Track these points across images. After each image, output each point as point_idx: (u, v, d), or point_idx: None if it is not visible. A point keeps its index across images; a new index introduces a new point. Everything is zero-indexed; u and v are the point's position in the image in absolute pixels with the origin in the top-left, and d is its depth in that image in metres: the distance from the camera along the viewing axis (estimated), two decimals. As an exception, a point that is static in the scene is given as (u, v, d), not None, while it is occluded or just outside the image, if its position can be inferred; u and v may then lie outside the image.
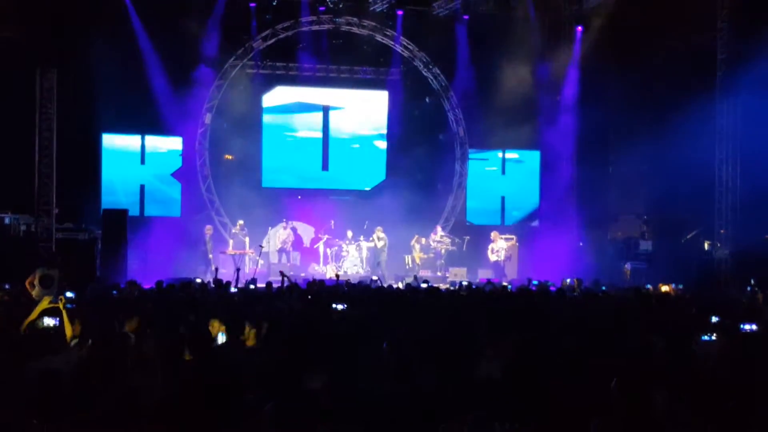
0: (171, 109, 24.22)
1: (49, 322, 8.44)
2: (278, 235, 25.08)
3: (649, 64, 24.27)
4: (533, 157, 28.08)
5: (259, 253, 22.47)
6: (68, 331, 8.37)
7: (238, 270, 16.83)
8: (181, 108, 24.36)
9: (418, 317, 9.28)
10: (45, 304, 9.03)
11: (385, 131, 27.64)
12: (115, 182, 25.29)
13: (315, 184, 27.29)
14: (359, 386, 5.65)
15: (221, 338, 8.23)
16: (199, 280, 17.29)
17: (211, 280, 16.56)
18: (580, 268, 22.29)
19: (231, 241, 24.11)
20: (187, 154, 25.64)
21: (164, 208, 25.57)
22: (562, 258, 24.08)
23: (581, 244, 26.10)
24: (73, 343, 8.07)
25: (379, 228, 24.10)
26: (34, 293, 11.12)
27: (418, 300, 12.21)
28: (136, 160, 25.54)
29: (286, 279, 15.53)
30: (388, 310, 9.81)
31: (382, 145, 27.75)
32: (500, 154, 28.04)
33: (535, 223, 27.90)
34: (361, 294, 12.87)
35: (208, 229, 23.85)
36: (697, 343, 7.94)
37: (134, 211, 24.32)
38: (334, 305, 9.71)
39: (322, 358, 6.24)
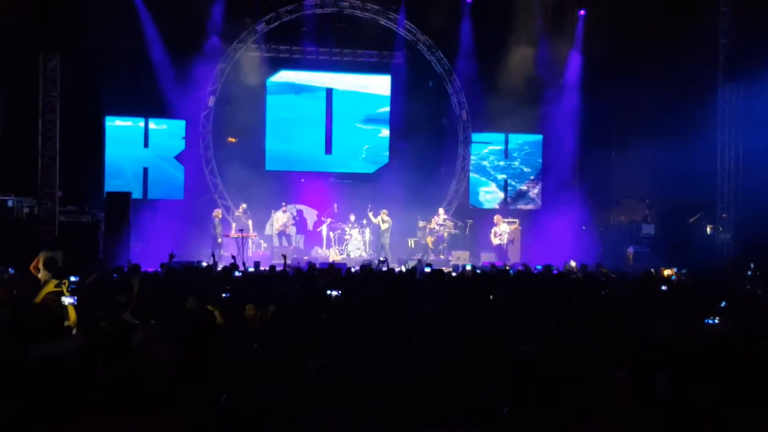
0: (174, 92, 24.07)
1: (66, 300, 8.35)
2: (278, 218, 25.07)
3: (651, 48, 24.10)
4: (536, 141, 27.96)
5: (241, 239, 22.50)
6: (71, 315, 8.30)
7: (233, 256, 16.72)
8: (184, 91, 24.20)
9: (421, 302, 9.21)
10: (51, 287, 8.96)
11: (388, 115, 27.53)
12: (118, 165, 25.26)
13: (318, 167, 27.19)
14: (359, 371, 5.60)
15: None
16: (204, 264, 17.23)
17: (219, 263, 16.52)
18: (582, 252, 22.24)
19: (234, 225, 24.06)
20: (190, 137, 25.59)
21: (168, 190, 25.49)
22: (564, 242, 24.03)
23: (584, 227, 26.04)
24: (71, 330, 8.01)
25: (384, 211, 23.98)
26: (39, 276, 11.07)
27: (422, 284, 12.14)
28: (140, 143, 25.48)
29: (287, 263, 15.48)
30: (391, 294, 9.73)
31: (385, 128, 27.64)
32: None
33: (537, 206, 27.84)
34: (364, 278, 12.79)
35: (217, 213, 23.78)
36: (701, 327, 7.88)
37: (137, 194, 24.32)
38: (328, 291, 9.60)
39: (324, 343, 6.19)
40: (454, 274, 16.22)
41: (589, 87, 26.11)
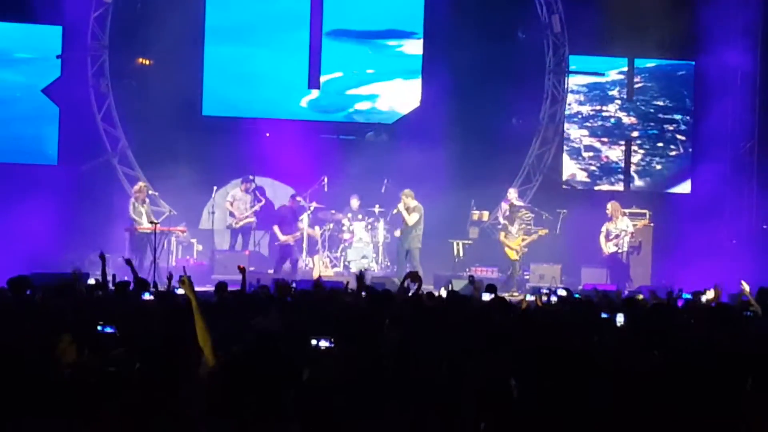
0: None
1: None
2: (236, 201, 24.96)
3: None
4: (677, 71, 28.00)
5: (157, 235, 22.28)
6: None
7: (129, 261, 16.50)
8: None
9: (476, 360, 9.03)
10: None
11: (421, 22, 27.45)
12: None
13: (296, 112, 27.26)
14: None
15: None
16: (92, 281, 17.11)
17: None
18: (756, 270, 22.09)
19: (143, 209, 23.79)
20: (70, 55, 25.52)
21: (30, 150, 25.54)
22: (729, 252, 23.87)
23: (765, 226, 25.89)
24: None
25: (408, 192, 23.72)
26: None
27: (474, 323, 11.91)
28: (-17, 66, 25.45)
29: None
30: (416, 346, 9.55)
31: (416, 47, 27.60)
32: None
33: (684, 188, 27.69)
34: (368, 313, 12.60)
35: (139, 190, 23.69)
36: None
37: (-23, 155, 24.30)
38: (314, 341, 9.47)
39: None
40: (530, 298, 16.01)
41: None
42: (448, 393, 8.01)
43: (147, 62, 25.97)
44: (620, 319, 12.74)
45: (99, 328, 10.03)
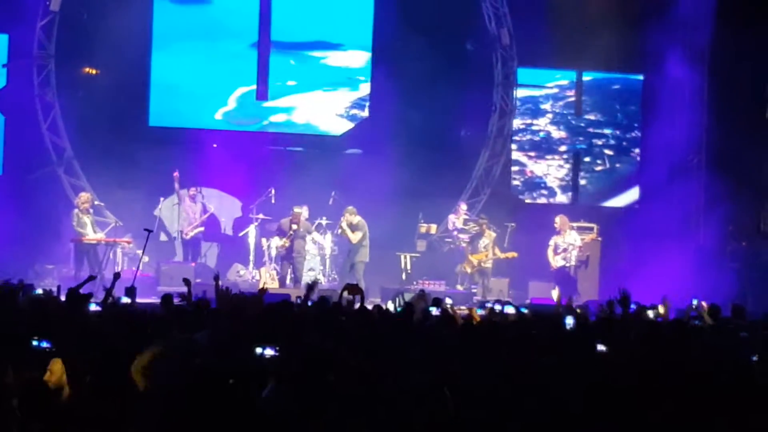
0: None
1: None
2: (184, 212, 24.92)
3: None
4: (632, 87, 28.05)
5: (144, 242, 22.25)
6: None
7: (116, 276, 16.56)
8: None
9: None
10: None
11: (370, 34, 27.53)
12: None
13: (244, 124, 27.24)
14: None
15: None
16: (40, 291, 17.05)
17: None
18: (708, 285, 22.15)
19: (87, 220, 23.68)
20: (16, 64, 25.46)
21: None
22: (677, 267, 24.00)
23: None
24: None
25: (350, 209, 23.72)
26: None
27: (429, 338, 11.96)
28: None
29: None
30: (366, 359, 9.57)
31: (364, 58, 27.69)
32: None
33: (630, 200, 27.84)
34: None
35: (83, 200, 23.38)
36: None
37: None
38: (258, 349, 9.42)
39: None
40: (481, 312, 16.08)
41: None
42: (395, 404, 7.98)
43: (93, 72, 25.87)
44: (570, 321, 12.97)
45: (34, 343, 9.86)
